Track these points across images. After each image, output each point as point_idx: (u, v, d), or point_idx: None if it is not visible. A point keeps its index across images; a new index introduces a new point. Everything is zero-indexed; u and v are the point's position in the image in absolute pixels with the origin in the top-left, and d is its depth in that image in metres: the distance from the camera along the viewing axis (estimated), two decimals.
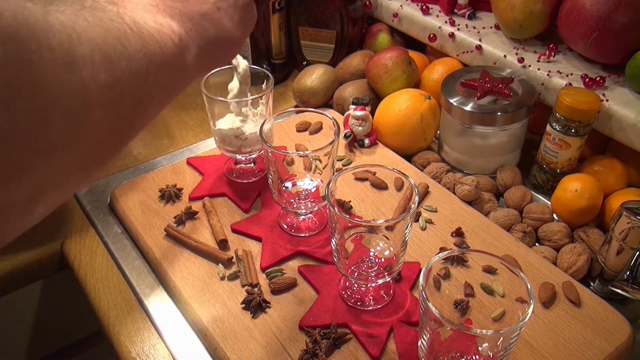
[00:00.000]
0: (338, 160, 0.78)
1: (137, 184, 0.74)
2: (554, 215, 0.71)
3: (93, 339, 0.88)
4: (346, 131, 0.80)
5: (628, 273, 0.60)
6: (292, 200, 0.67)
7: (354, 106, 0.81)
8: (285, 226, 0.68)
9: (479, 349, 0.49)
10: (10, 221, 0.26)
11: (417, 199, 0.53)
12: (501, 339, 0.46)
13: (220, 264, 0.63)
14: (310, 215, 0.68)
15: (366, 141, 0.81)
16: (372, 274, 0.58)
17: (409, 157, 0.81)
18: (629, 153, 0.71)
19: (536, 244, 0.69)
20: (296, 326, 0.57)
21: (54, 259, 0.70)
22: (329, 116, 0.65)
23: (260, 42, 0.95)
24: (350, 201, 0.70)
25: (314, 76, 0.89)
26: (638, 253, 0.58)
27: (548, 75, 0.76)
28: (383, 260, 0.58)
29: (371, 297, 0.59)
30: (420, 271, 0.61)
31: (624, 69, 0.72)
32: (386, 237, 0.58)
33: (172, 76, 0.37)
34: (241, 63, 0.69)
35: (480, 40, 0.85)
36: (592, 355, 0.54)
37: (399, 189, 0.63)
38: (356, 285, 0.60)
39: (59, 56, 0.26)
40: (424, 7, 0.92)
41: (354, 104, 0.81)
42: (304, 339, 0.55)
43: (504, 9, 0.81)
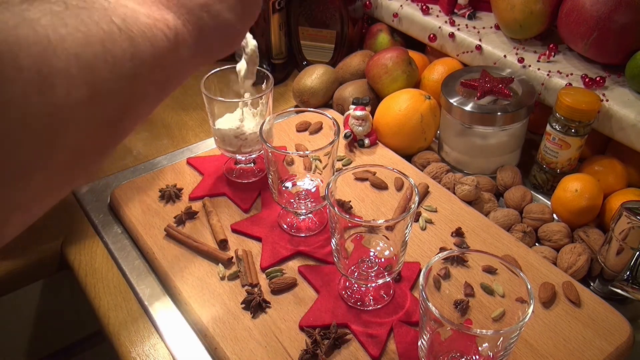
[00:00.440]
0: (338, 160, 0.78)
1: (137, 184, 0.74)
2: (554, 215, 0.71)
3: (93, 339, 0.88)
4: (346, 131, 0.80)
5: (628, 273, 0.60)
6: (292, 200, 0.67)
7: (354, 106, 0.81)
8: (285, 226, 0.68)
9: (479, 349, 0.49)
10: None
11: (417, 199, 0.53)
12: (501, 339, 0.46)
13: (220, 264, 0.63)
14: (310, 215, 0.68)
15: (366, 141, 0.81)
16: (372, 274, 0.58)
17: (409, 157, 0.81)
18: (629, 153, 0.71)
19: (536, 244, 0.69)
20: (296, 326, 0.57)
21: (54, 259, 0.70)
22: (329, 116, 0.65)
23: (260, 42, 0.95)
24: (350, 201, 0.70)
25: (314, 76, 0.89)
26: (638, 253, 0.58)
27: (548, 75, 0.76)
28: (383, 260, 0.58)
29: (371, 297, 0.59)
30: (420, 271, 0.61)
31: (624, 69, 0.72)
32: (386, 237, 0.58)
33: (166, 73, 0.35)
34: (250, 43, 0.67)
35: (480, 40, 0.85)
36: (592, 355, 0.54)
37: (399, 189, 0.63)
38: (356, 285, 0.60)
39: (28, 76, 0.23)
40: (424, 7, 0.92)
41: (354, 104, 0.81)
42: (304, 339, 0.55)
43: (504, 9, 0.81)
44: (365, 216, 0.69)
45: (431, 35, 0.91)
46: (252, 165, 0.76)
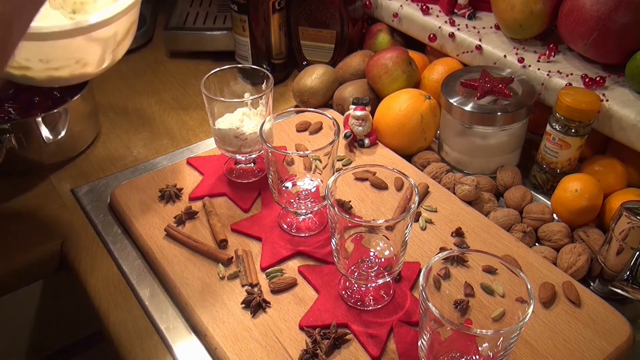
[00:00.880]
0: (338, 160, 0.78)
1: (137, 184, 0.74)
2: (554, 215, 0.71)
3: (93, 339, 0.88)
4: (346, 131, 0.80)
5: (628, 273, 0.60)
6: (292, 200, 0.67)
7: (354, 106, 0.81)
8: (285, 226, 0.68)
9: (479, 349, 0.49)
10: None
11: (417, 199, 0.53)
12: (501, 339, 0.46)
13: (220, 264, 0.63)
14: (310, 215, 0.68)
15: (366, 141, 0.81)
16: (372, 274, 0.58)
17: (409, 157, 0.81)
18: (629, 153, 0.71)
19: (536, 244, 0.69)
20: (296, 326, 0.57)
21: (54, 259, 0.70)
22: (329, 116, 0.65)
23: (260, 42, 0.95)
24: (350, 201, 0.70)
25: (314, 76, 0.89)
26: (638, 253, 0.58)
27: (548, 75, 0.76)
28: (383, 260, 0.58)
29: (371, 297, 0.59)
30: (420, 271, 0.61)
31: (624, 69, 0.72)
32: (386, 237, 0.58)
33: None
34: None
35: (480, 40, 0.85)
36: (592, 355, 0.54)
37: (399, 189, 0.63)
38: (356, 285, 0.60)
39: None
40: (424, 7, 0.92)
41: (354, 104, 0.81)
42: (304, 339, 0.55)
43: (504, 9, 0.81)
44: (365, 216, 0.69)
45: (431, 35, 0.91)
46: (252, 165, 0.76)
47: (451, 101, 0.75)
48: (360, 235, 0.59)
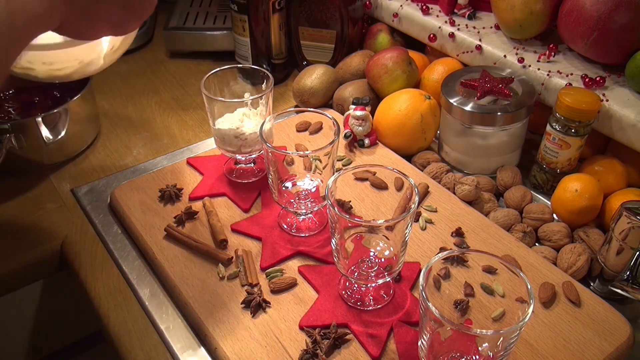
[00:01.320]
0: (338, 160, 0.78)
1: (137, 184, 0.74)
2: (554, 215, 0.71)
3: (93, 339, 0.88)
4: (346, 131, 0.80)
5: (628, 273, 0.60)
6: (292, 200, 0.67)
7: (354, 106, 0.81)
8: (285, 226, 0.68)
9: (479, 349, 0.49)
10: None
11: (417, 199, 0.53)
12: (501, 339, 0.46)
13: (220, 264, 0.63)
14: (310, 215, 0.68)
15: (366, 141, 0.81)
16: (372, 274, 0.58)
17: (409, 157, 0.81)
18: (629, 153, 0.71)
19: (536, 244, 0.69)
20: (296, 326, 0.57)
21: (54, 259, 0.70)
22: (329, 116, 0.65)
23: (260, 42, 0.95)
24: (350, 201, 0.70)
25: (314, 76, 0.89)
26: (638, 253, 0.58)
27: (548, 75, 0.76)
28: (383, 260, 0.58)
29: (371, 297, 0.59)
30: (420, 271, 0.61)
31: (624, 69, 0.72)
32: (386, 237, 0.58)
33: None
34: None
35: (480, 40, 0.85)
36: (592, 355, 0.54)
37: (399, 189, 0.63)
38: (356, 285, 0.60)
39: None
40: (424, 7, 0.92)
41: (354, 104, 0.81)
42: (304, 339, 0.55)
43: (504, 9, 0.81)
44: (365, 216, 0.69)
45: (431, 35, 0.91)
46: (252, 165, 0.76)
47: (451, 101, 0.75)
48: (360, 235, 0.59)
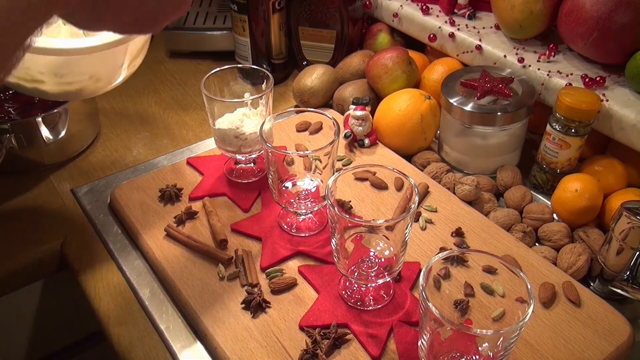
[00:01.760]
0: (338, 160, 0.78)
1: (137, 184, 0.74)
2: (554, 215, 0.71)
3: (93, 339, 0.88)
4: (346, 131, 0.80)
5: (628, 273, 0.60)
6: (292, 200, 0.67)
7: (354, 106, 0.81)
8: (285, 226, 0.68)
9: (479, 349, 0.49)
10: None
11: (417, 199, 0.53)
12: (501, 339, 0.46)
13: (220, 264, 0.63)
14: (310, 215, 0.68)
15: (366, 141, 0.81)
16: (372, 274, 0.58)
17: (409, 157, 0.81)
18: (629, 153, 0.71)
19: (536, 244, 0.69)
20: (296, 326, 0.57)
21: (54, 259, 0.70)
22: (329, 116, 0.65)
23: (260, 42, 0.95)
24: (350, 201, 0.70)
25: (314, 76, 0.89)
26: (638, 253, 0.58)
27: (548, 75, 0.76)
28: (383, 260, 0.58)
29: (371, 297, 0.59)
30: (420, 271, 0.61)
31: (624, 69, 0.72)
32: (386, 237, 0.58)
33: None
34: None
35: (480, 40, 0.85)
36: (592, 355, 0.54)
37: (399, 189, 0.63)
38: (356, 285, 0.60)
39: None
40: (424, 7, 0.92)
41: (354, 104, 0.81)
42: (304, 339, 0.55)
43: (504, 9, 0.81)
44: (365, 216, 0.69)
45: (431, 35, 0.91)
46: (252, 165, 0.76)
47: (451, 101, 0.75)
48: (360, 235, 0.59)
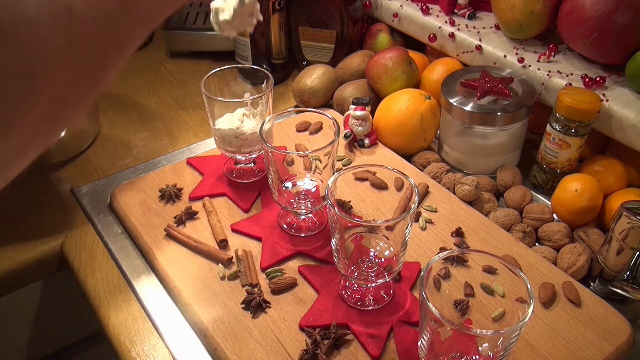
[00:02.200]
0: (338, 160, 0.78)
1: (137, 184, 0.74)
2: (554, 215, 0.71)
3: (93, 339, 0.88)
4: (346, 131, 0.80)
5: (628, 273, 0.60)
6: (292, 200, 0.67)
7: (354, 106, 0.81)
8: (285, 226, 0.68)
9: (479, 349, 0.49)
10: None
11: (417, 199, 0.53)
12: (501, 339, 0.46)
13: (220, 264, 0.63)
14: (310, 215, 0.68)
15: (366, 141, 0.81)
16: (372, 274, 0.58)
17: (409, 157, 0.81)
18: (629, 153, 0.71)
19: (536, 244, 0.69)
20: (296, 326, 0.57)
21: (54, 259, 0.70)
22: (329, 116, 0.65)
23: (260, 42, 0.95)
24: (350, 201, 0.70)
25: (314, 76, 0.89)
26: (638, 253, 0.58)
27: (548, 75, 0.76)
28: (383, 260, 0.58)
29: (371, 297, 0.59)
30: (420, 271, 0.61)
31: (624, 69, 0.72)
32: (386, 237, 0.58)
33: (149, 7, 0.30)
34: None
35: (480, 40, 0.85)
36: (592, 355, 0.54)
37: (399, 189, 0.63)
38: (356, 285, 0.60)
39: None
40: (424, 7, 0.92)
41: (354, 104, 0.81)
42: (304, 339, 0.55)
43: (504, 9, 0.81)
44: (365, 216, 0.69)
45: (431, 35, 0.91)
46: (252, 165, 0.76)
47: (451, 101, 0.75)
48: (360, 235, 0.59)
